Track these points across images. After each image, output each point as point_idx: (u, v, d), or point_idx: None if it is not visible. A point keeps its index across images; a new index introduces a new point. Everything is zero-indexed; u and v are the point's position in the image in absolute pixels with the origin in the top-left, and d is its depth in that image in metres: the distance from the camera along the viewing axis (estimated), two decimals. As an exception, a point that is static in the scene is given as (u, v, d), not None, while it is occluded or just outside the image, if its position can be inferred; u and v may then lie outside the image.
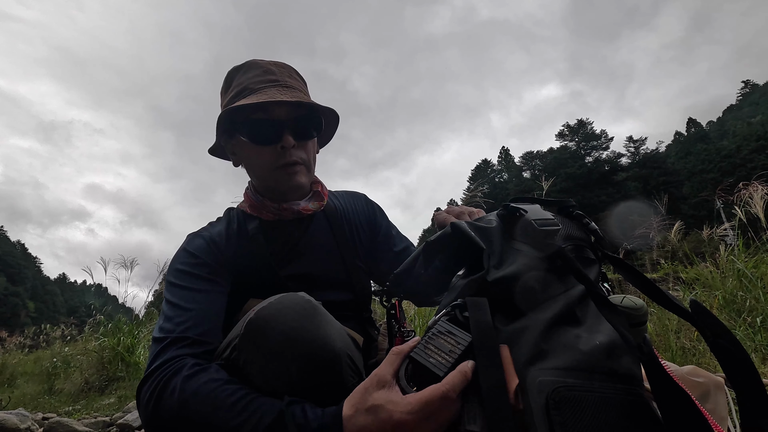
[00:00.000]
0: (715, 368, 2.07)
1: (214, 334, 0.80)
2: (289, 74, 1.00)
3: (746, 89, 74.87)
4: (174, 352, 0.73)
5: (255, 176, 1.02)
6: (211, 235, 0.95)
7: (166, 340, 0.75)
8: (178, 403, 0.65)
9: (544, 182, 4.94)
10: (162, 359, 0.72)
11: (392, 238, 1.15)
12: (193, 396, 0.65)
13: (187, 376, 0.68)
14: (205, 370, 0.69)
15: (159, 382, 0.68)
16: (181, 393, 0.66)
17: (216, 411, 0.62)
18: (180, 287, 0.85)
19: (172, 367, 0.70)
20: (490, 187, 53.74)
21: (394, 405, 0.54)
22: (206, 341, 0.78)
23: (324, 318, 0.70)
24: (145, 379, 0.71)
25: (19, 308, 60.25)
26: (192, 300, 0.83)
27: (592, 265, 0.67)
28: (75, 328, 8.61)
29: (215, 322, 0.83)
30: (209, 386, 0.65)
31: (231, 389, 0.65)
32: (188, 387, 0.66)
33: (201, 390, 0.65)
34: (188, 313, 0.80)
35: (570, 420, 0.45)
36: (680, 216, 15.14)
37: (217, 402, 0.63)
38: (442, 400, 0.51)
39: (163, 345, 0.75)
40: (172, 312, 0.81)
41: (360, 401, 0.57)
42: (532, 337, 0.52)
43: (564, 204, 0.73)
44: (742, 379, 0.46)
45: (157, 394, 0.67)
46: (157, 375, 0.70)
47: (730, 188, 3.99)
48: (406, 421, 0.52)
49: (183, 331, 0.77)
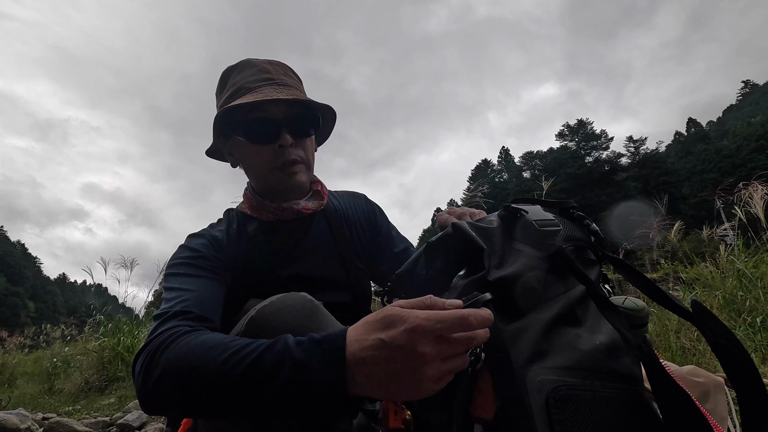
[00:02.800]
0: (715, 368, 2.07)
1: (215, 316, 0.78)
2: (284, 72, 0.99)
3: (746, 89, 74.88)
4: (175, 323, 0.70)
5: (254, 176, 1.01)
6: (212, 234, 0.95)
7: (168, 313, 0.72)
8: (174, 357, 0.61)
9: (544, 182, 4.94)
10: (162, 329, 0.68)
11: (392, 239, 1.15)
12: (189, 347, 0.61)
13: (186, 332, 0.65)
14: (205, 332, 0.66)
15: (156, 346, 0.64)
16: (176, 348, 0.62)
17: (210, 348, 0.58)
18: (180, 275, 0.83)
19: (171, 332, 0.66)
20: (490, 187, 53.60)
21: (407, 313, 0.50)
22: (207, 318, 0.75)
23: (325, 318, 0.70)
24: (141, 349, 0.67)
25: (19, 308, 60.26)
26: (192, 283, 0.81)
27: (592, 265, 0.67)
28: (75, 328, 8.62)
29: (215, 306, 0.81)
30: (206, 337, 0.62)
31: (229, 336, 0.62)
32: (186, 342, 0.62)
33: (198, 341, 0.62)
34: (188, 293, 0.78)
35: (570, 419, 0.46)
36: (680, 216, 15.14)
37: (214, 342, 0.59)
38: (461, 320, 0.48)
39: (163, 318, 0.72)
40: (171, 295, 0.78)
41: (367, 320, 0.54)
42: (532, 336, 0.53)
43: (565, 205, 0.73)
44: (742, 380, 0.46)
45: (151, 355, 0.63)
46: (156, 341, 0.65)
47: (730, 188, 3.98)
48: (423, 327, 0.48)
49: (185, 306, 0.74)
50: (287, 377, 0.52)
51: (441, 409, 0.57)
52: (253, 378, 0.54)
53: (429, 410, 0.62)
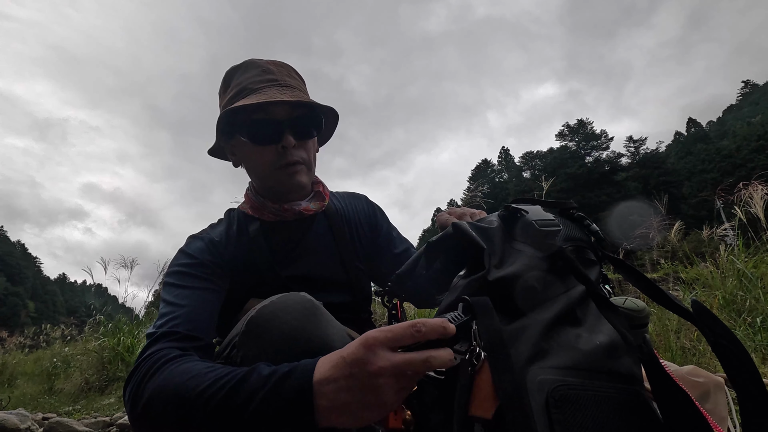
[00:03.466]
0: (715, 368, 2.07)
1: (205, 331, 0.80)
2: (288, 73, 1.00)
3: (746, 89, 74.89)
4: (161, 345, 0.73)
5: (256, 177, 1.01)
6: (211, 236, 0.95)
7: (155, 335, 0.75)
8: (157, 385, 0.64)
9: (544, 182, 4.94)
10: (148, 352, 0.72)
11: (393, 239, 1.15)
12: (173, 375, 0.64)
13: (171, 359, 0.68)
14: (188, 356, 0.69)
15: (143, 373, 0.68)
16: (160, 376, 0.65)
17: (190, 379, 0.62)
18: (174, 286, 0.85)
19: (157, 357, 0.69)
20: (490, 187, 53.67)
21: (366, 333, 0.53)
22: (196, 337, 0.77)
23: (325, 318, 0.70)
24: (130, 375, 0.70)
25: (19, 308, 60.24)
26: (185, 297, 0.83)
27: (592, 266, 0.67)
28: (75, 328, 8.62)
29: (207, 319, 0.82)
30: (190, 366, 0.65)
31: (210, 364, 0.65)
32: (170, 369, 0.66)
33: (180, 369, 0.65)
34: (180, 309, 0.80)
35: (570, 418, 0.46)
36: (680, 216, 15.15)
37: (196, 371, 0.63)
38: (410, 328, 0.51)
39: (151, 340, 0.75)
40: (165, 309, 0.81)
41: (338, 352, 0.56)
42: (532, 336, 0.53)
43: (565, 206, 0.73)
44: (743, 380, 0.46)
45: (137, 383, 0.67)
46: (142, 367, 0.69)
47: (730, 188, 3.99)
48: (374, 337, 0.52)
49: (172, 326, 0.76)
50: (256, 408, 0.55)
51: (440, 409, 0.57)
52: (228, 408, 0.57)
53: (429, 410, 0.62)
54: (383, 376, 0.50)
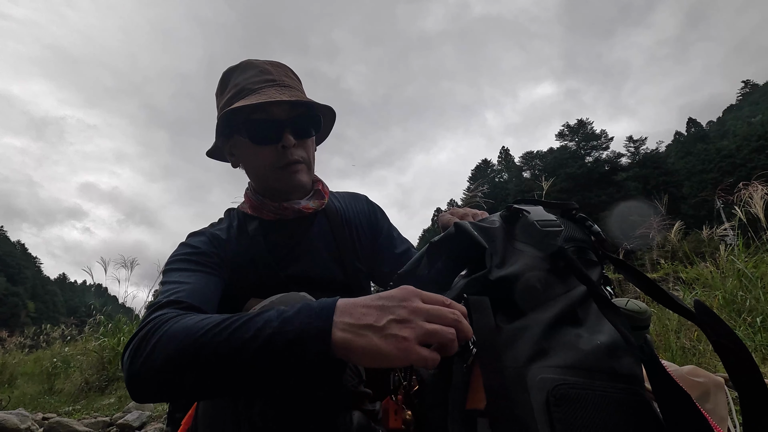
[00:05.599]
0: (715, 368, 2.07)
1: (208, 306, 0.77)
2: (285, 73, 1.00)
3: (746, 89, 74.93)
4: (165, 310, 0.68)
5: (255, 176, 1.01)
6: (213, 232, 0.96)
7: (158, 303, 0.72)
8: (162, 340, 0.58)
9: (544, 182, 4.95)
10: (150, 317, 0.66)
11: (394, 240, 1.15)
12: (181, 325, 0.59)
13: (176, 316, 0.63)
14: (195, 314, 0.64)
15: (146, 331, 0.62)
16: (166, 331, 0.60)
17: (200, 322, 0.57)
18: (177, 270, 0.84)
19: (161, 318, 0.64)
20: (490, 187, 53.65)
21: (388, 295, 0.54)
22: (201, 309, 0.74)
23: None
24: (130, 339, 0.64)
25: (19, 308, 60.23)
26: (188, 277, 0.81)
27: (594, 266, 0.67)
28: (75, 328, 8.59)
29: (210, 298, 0.80)
30: (200, 316, 0.61)
31: (223, 316, 0.59)
32: (177, 321, 0.61)
33: (189, 318, 0.60)
34: (183, 285, 0.78)
35: (570, 417, 0.46)
36: (680, 216, 15.15)
37: (207, 323, 0.57)
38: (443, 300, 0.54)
39: (154, 307, 0.70)
40: (167, 287, 0.78)
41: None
42: (533, 335, 0.53)
43: (566, 207, 0.73)
44: (745, 381, 0.46)
45: (139, 339, 0.61)
46: (145, 327, 0.63)
47: (730, 188, 3.99)
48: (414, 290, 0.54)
49: (177, 297, 0.73)
50: (272, 332, 0.52)
51: (438, 406, 0.58)
52: (239, 338, 0.53)
53: (428, 408, 0.62)
54: (415, 315, 0.51)
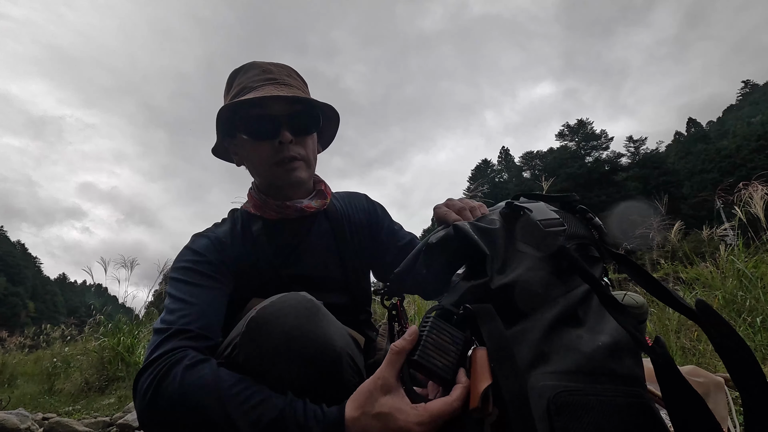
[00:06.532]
0: (715, 368, 2.07)
1: (215, 331, 0.80)
2: (287, 74, 1.01)
3: (746, 89, 74.84)
4: (176, 343, 0.72)
5: (256, 173, 1.02)
6: (216, 235, 0.96)
7: (168, 331, 0.74)
8: (178, 392, 0.63)
9: (544, 182, 4.93)
10: (163, 349, 0.70)
11: (396, 233, 1.15)
12: (195, 385, 0.64)
13: (189, 365, 0.67)
14: (207, 361, 0.68)
15: (159, 371, 0.66)
16: (182, 381, 0.64)
17: (218, 401, 0.61)
18: (183, 282, 0.85)
19: (174, 357, 0.68)
20: (490, 187, 53.65)
21: (405, 414, 0.55)
22: (208, 336, 0.77)
23: (325, 318, 0.70)
24: (144, 368, 0.69)
25: (19, 308, 60.17)
26: (194, 295, 0.82)
27: (596, 263, 0.66)
28: (75, 328, 8.58)
29: (217, 319, 0.82)
30: (212, 376, 0.64)
31: (234, 380, 0.64)
32: (190, 376, 0.65)
33: (203, 379, 0.64)
34: (191, 307, 0.79)
35: (571, 425, 0.45)
36: (680, 216, 15.11)
37: (219, 392, 0.62)
38: (451, 413, 0.53)
39: (164, 336, 0.73)
40: (174, 305, 0.80)
41: (366, 404, 0.57)
42: (533, 339, 0.52)
43: (567, 199, 0.72)
44: (748, 381, 0.45)
45: (156, 382, 0.66)
46: (158, 364, 0.68)
47: (730, 188, 3.98)
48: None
49: (185, 323, 0.76)
50: None
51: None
52: None
53: None
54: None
